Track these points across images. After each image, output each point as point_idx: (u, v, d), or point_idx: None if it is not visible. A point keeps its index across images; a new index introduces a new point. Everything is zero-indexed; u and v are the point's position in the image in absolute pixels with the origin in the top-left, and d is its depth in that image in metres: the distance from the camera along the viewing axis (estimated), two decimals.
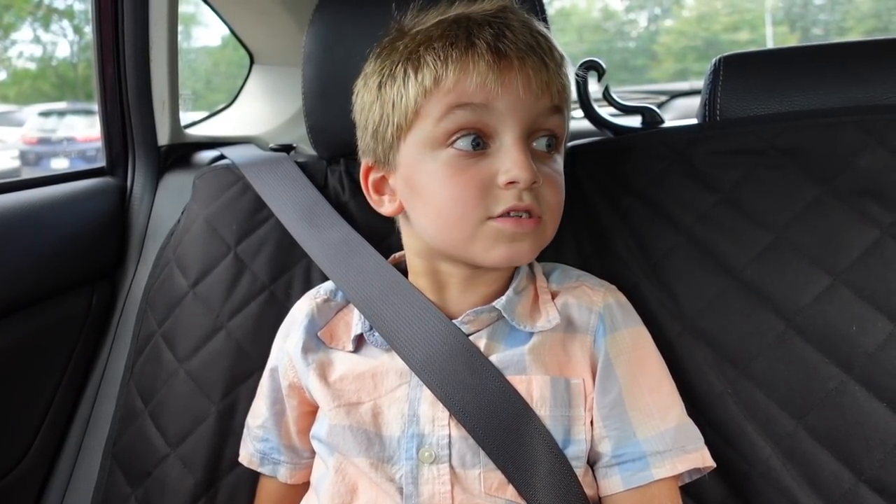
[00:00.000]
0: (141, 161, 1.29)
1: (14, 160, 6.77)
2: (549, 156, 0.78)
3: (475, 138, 0.74)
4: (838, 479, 0.83)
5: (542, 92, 0.75)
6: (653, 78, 10.26)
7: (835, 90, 1.02)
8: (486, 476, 0.74)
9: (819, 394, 0.86)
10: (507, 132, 0.74)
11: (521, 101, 0.74)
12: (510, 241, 0.75)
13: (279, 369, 0.88)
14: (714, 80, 1.06)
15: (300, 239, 0.99)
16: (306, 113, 1.07)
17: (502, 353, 0.78)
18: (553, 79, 0.75)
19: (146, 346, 1.08)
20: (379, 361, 0.81)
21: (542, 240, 0.79)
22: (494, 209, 0.74)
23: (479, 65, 0.73)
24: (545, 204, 0.76)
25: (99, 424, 1.13)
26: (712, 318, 0.92)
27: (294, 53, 1.17)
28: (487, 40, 0.74)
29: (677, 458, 0.76)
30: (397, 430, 0.76)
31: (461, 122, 0.74)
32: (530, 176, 0.72)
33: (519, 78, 0.73)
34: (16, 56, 8.29)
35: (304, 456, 0.89)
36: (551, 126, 0.77)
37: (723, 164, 0.98)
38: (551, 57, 0.76)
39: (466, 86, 0.73)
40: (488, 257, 0.76)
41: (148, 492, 1.01)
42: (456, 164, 0.75)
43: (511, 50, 0.73)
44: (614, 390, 0.77)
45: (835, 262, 0.89)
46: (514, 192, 0.74)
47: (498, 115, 0.74)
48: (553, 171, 0.78)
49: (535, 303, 0.83)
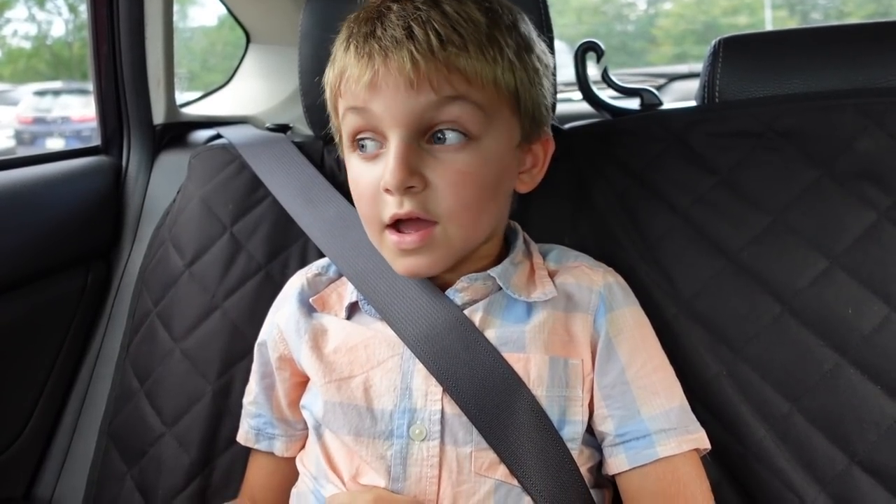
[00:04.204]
0: (136, 140, 1.28)
1: (9, 139, 6.75)
2: (457, 149, 0.72)
3: (369, 141, 0.74)
4: (832, 461, 0.84)
5: (417, 87, 0.69)
6: (651, 61, 10.21)
7: (834, 73, 1.02)
8: (477, 455, 0.73)
9: (814, 376, 0.86)
10: (391, 133, 0.71)
11: (393, 101, 0.70)
12: (404, 255, 0.74)
13: (268, 343, 0.88)
14: (713, 61, 1.05)
15: (296, 215, 0.99)
16: (303, 92, 1.06)
17: (500, 328, 0.78)
18: (432, 69, 0.69)
19: (142, 326, 1.08)
20: (372, 331, 0.81)
21: (449, 249, 0.74)
22: (384, 216, 0.73)
23: (350, 68, 0.72)
24: (439, 206, 0.72)
25: (94, 403, 1.13)
26: (708, 300, 0.92)
27: (291, 32, 1.16)
28: (357, 42, 0.72)
29: (682, 436, 0.75)
30: (389, 403, 0.76)
31: (352, 125, 0.74)
32: (398, 181, 0.69)
33: (384, 78, 0.70)
34: (10, 34, 8.22)
35: (298, 428, 0.88)
36: (448, 118, 0.71)
37: (721, 147, 0.98)
38: (426, 47, 0.69)
39: (348, 89, 0.73)
40: (397, 269, 0.76)
41: (144, 470, 1.01)
42: (357, 167, 0.76)
43: (375, 48, 0.70)
44: (616, 369, 0.77)
45: (832, 245, 0.89)
46: (396, 199, 0.71)
47: (378, 117, 0.71)
48: (457, 168, 0.72)
49: (532, 276, 0.82)
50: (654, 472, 0.75)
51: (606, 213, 1.00)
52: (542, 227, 1.00)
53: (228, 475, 0.98)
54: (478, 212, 0.75)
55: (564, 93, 1.85)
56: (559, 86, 1.03)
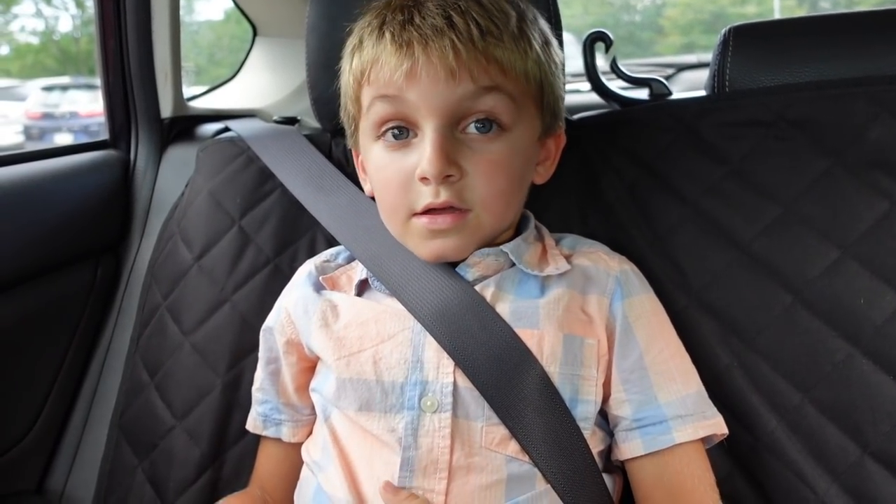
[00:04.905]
0: (144, 133, 1.28)
1: (18, 135, 6.78)
2: (490, 139, 0.74)
3: (399, 130, 0.74)
4: (844, 452, 0.83)
5: (457, 76, 0.70)
6: (659, 52, 10.16)
7: (846, 61, 1.01)
8: (487, 430, 0.73)
9: (826, 367, 0.85)
10: (425, 123, 0.72)
11: (432, 90, 0.71)
12: (432, 237, 0.75)
13: (274, 328, 0.88)
14: (723, 50, 1.04)
15: (307, 203, 0.99)
16: (310, 85, 1.06)
17: (513, 302, 0.78)
18: (472, 59, 0.71)
19: (151, 319, 1.08)
20: (383, 306, 0.81)
21: (477, 233, 0.76)
22: (416, 205, 0.74)
23: (385, 56, 0.72)
24: (474, 196, 0.73)
25: (105, 397, 1.13)
26: (719, 291, 0.91)
27: (298, 25, 1.16)
28: (394, 29, 0.73)
29: (698, 422, 0.76)
30: (400, 375, 0.75)
31: (382, 114, 0.74)
32: (437, 170, 0.70)
33: (424, 66, 0.70)
34: (18, 30, 8.24)
35: (305, 413, 0.89)
36: (484, 108, 0.73)
37: (731, 136, 0.97)
38: (467, 36, 0.71)
39: (380, 78, 0.73)
40: (421, 253, 0.77)
41: (154, 463, 1.02)
42: (384, 156, 0.76)
43: (415, 37, 0.71)
44: (635, 354, 0.77)
45: (843, 235, 0.88)
46: (432, 189, 0.72)
47: (412, 106, 0.72)
48: (490, 158, 0.73)
49: (544, 254, 0.83)
50: (667, 460, 0.75)
51: (616, 203, 1.00)
52: (551, 218, 0.99)
53: (239, 468, 0.99)
54: (508, 201, 0.77)
55: (573, 83, 1.84)
56: (567, 77, 1.03)
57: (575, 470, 0.72)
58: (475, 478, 0.72)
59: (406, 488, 0.72)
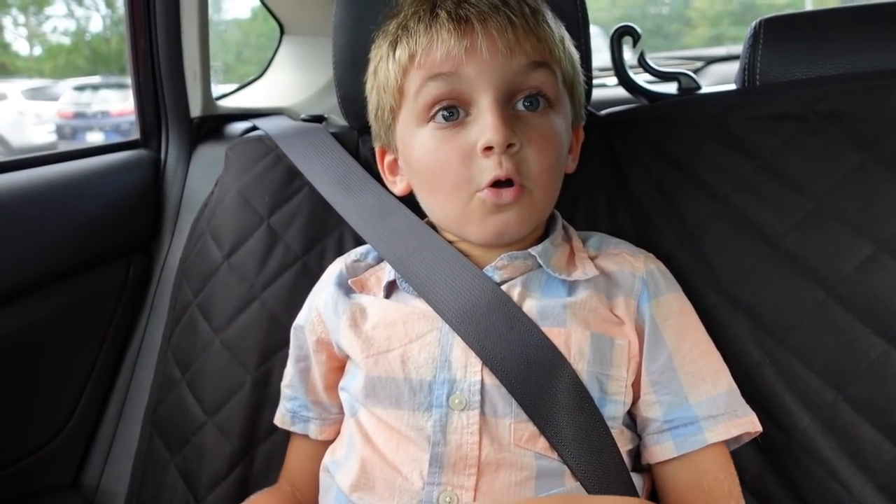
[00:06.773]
0: (174, 133, 1.29)
1: (51, 134, 6.88)
2: (540, 115, 0.77)
3: (451, 109, 0.76)
4: (879, 451, 0.82)
5: (512, 51, 0.74)
6: (687, 44, 10.04)
7: (879, 52, 0.99)
8: (516, 427, 0.73)
9: (860, 364, 0.84)
10: (482, 97, 0.74)
11: (490, 64, 0.74)
12: (494, 212, 0.76)
13: (305, 327, 0.89)
14: (754, 43, 1.03)
15: (335, 203, 0.99)
16: (337, 83, 1.06)
17: (539, 301, 0.78)
18: (525, 35, 0.75)
19: (182, 317, 1.10)
20: (410, 308, 0.81)
21: (533, 211, 0.78)
22: (480, 180, 0.75)
23: (441, 34, 0.74)
24: (529, 170, 0.75)
25: (138, 393, 1.15)
26: (749, 287, 0.90)
27: (324, 23, 1.16)
28: (448, 8, 0.75)
29: (730, 421, 0.75)
30: (428, 374, 0.76)
31: (435, 93, 0.76)
32: (503, 138, 0.72)
33: (483, 41, 0.73)
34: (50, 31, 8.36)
35: (333, 412, 0.89)
36: (534, 84, 0.76)
37: (762, 131, 0.96)
38: (520, 13, 0.75)
39: (434, 57, 0.75)
40: (481, 233, 0.78)
41: (187, 458, 1.03)
42: (438, 136, 0.77)
43: (472, 13, 0.74)
44: (664, 355, 0.77)
45: (878, 230, 0.87)
46: (495, 160, 0.73)
47: (469, 81, 0.74)
48: (542, 133, 0.76)
49: (571, 257, 0.83)
50: (699, 461, 0.75)
51: (644, 199, 0.99)
52: (579, 214, 0.99)
53: (269, 463, 1.00)
54: (556, 178, 0.80)
55: (600, 78, 1.83)
56: (594, 71, 1.02)
57: (604, 467, 0.72)
58: (504, 474, 0.72)
59: (435, 484, 0.72)
